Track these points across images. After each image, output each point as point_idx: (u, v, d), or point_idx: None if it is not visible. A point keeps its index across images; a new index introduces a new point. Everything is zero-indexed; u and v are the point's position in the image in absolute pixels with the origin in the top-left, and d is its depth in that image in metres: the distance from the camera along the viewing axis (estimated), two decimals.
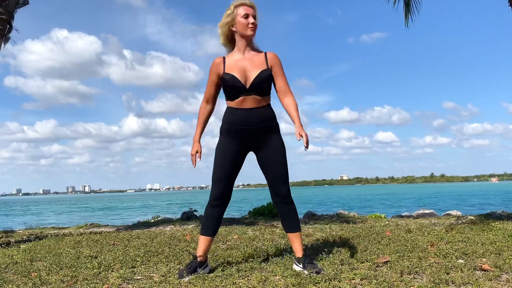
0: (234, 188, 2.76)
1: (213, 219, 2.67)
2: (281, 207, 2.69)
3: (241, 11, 2.64)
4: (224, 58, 2.71)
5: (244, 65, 2.63)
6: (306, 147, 2.50)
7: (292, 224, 2.69)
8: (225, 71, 2.63)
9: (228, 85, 2.62)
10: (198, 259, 2.66)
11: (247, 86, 2.60)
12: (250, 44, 2.68)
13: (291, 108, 2.66)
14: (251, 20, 2.63)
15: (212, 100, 2.78)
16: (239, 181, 2.83)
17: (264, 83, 2.61)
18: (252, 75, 2.60)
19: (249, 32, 2.64)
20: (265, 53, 2.69)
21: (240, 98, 2.60)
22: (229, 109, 2.69)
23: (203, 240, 2.69)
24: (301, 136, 2.51)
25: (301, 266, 2.62)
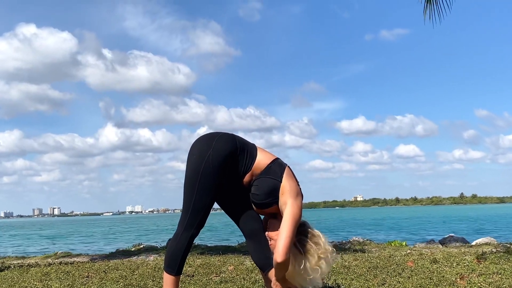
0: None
1: (187, 252, 2.68)
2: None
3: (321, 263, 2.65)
4: None
5: None
6: None
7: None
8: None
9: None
10: None
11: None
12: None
13: None
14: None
15: None
16: None
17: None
18: None
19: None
20: None
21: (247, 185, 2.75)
22: (244, 172, 2.72)
23: (175, 283, 2.66)
24: None
25: None
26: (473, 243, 7.33)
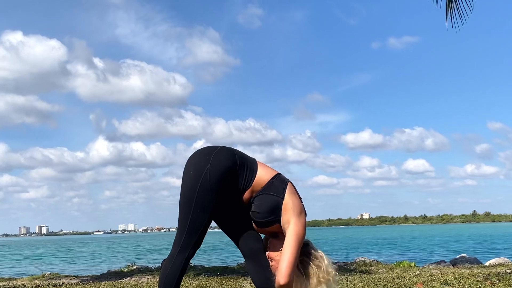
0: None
1: (183, 273, 2.64)
2: None
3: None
4: None
5: None
6: None
7: None
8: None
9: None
10: None
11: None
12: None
13: None
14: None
15: None
16: None
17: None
18: None
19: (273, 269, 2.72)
20: None
21: (246, 202, 2.73)
22: (244, 188, 2.71)
23: None
24: None
25: None
26: (486, 264, 7.29)
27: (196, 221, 2.59)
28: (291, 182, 2.75)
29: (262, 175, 2.70)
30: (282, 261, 2.58)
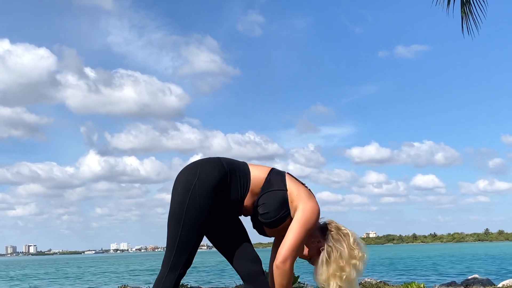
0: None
1: None
2: None
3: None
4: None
5: None
6: None
7: None
8: None
9: None
10: None
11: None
12: None
13: None
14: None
15: None
16: None
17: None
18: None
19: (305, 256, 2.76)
20: None
21: (250, 209, 2.71)
22: (243, 194, 2.68)
23: None
24: None
25: None
26: (500, 285, 7.25)
27: (186, 239, 2.55)
28: (288, 173, 2.73)
29: (257, 175, 2.67)
30: (283, 244, 2.55)
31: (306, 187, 2.73)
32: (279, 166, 2.86)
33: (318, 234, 2.68)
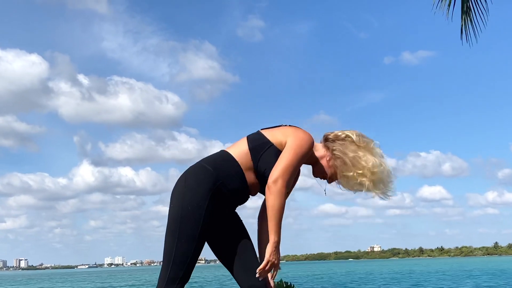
0: (219, 263, 2.82)
1: None
2: None
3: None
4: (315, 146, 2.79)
5: None
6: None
7: None
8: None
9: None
10: None
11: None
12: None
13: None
14: None
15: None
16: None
17: None
18: None
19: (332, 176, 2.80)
20: None
21: (257, 183, 2.70)
22: (241, 176, 2.67)
23: None
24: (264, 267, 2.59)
25: None
26: None
27: (182, 252, 2.53)
28: (261, 129, 2.76)
29: (240, 152, 2.67)
30: (274, 167, 2.56)
31: (287, 125, 2.75)
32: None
33: (326, 152, 2.75)
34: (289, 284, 3.02)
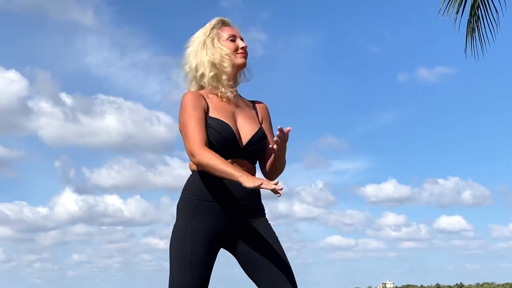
0: None
1: None
2: None
3: (224, 33, 2.50)
4: (200, 94, 2.43)
5: (234, 113, 2.41)
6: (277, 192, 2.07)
7: None
8: (210, 114, 2.35)
9: (214, 137, 2.31)
10: None
11: (241, 145, 2.34)
12: (236, 82, 2.52)
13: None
14: (240, 43, 2.49)
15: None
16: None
17: (263, 146, 2.42)
18: (247, 131, 2.38)
19: (239, 60, 2.46)
20: (253, 102, 2.57)
21: (228, 160, 2.27)
22: (202, 174, 2.32)
23: None
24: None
25: None
26: None
27: (178, 282, 2.24)
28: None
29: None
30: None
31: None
32: (282, 207, 2.48)
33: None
34: None
